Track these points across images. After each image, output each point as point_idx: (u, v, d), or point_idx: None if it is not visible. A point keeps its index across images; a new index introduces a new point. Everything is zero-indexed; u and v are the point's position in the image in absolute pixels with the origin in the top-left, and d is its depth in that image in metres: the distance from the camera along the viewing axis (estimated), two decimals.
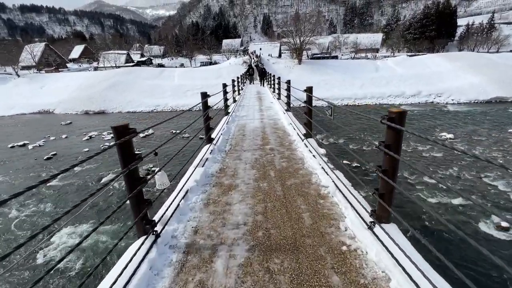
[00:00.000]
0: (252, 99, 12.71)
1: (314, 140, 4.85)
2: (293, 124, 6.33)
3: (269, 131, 6.16)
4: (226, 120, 7.07)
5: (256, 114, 8.46)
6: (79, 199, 1.52)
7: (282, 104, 9.60)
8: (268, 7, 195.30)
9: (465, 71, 24.41)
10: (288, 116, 7.25)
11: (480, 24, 63.41)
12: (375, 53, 56.21)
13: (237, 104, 10.50)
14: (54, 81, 29.91)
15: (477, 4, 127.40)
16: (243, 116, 8.19)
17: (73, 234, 6.59)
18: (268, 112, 8.76)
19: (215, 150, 4.68)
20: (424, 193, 8.02)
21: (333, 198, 2.91)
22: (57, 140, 15.38)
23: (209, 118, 4.96)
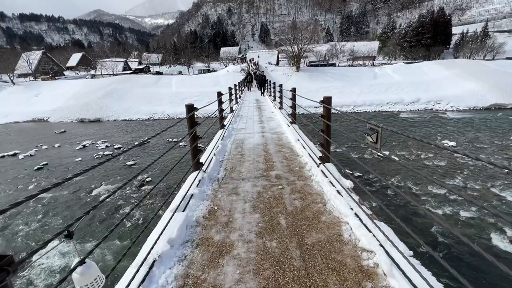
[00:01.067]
0: (251, 108, 11.82)
1: (334, 167, 3.70)
2: (302, 140, 5.25)
3: (272, 149, 5.16)
4: (221, 135, 6.09)
5: (256, 127, 7.48)
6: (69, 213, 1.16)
7: (285, 114, 8.80)
8: (266, 16, 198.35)
9: (463, 78, 24.44)
10: (294, 129, 6.25)
11: (474, 32, 64.52)
12: (372, 60, 56.73)
13: (234, 114, 9.58)
14: (49, 89, 29.56)
15: (470, 13, 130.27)
16: (241, 129, 7.19)
17: None
18: (270, 124, 7.76)
19: (204, 180, 3.62)
20: (432, 204, 7.68)
21: (389, 279, 1.81)
22: (49, 149, 14.93)
23: (197, 137, 3.85)
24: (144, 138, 15.59)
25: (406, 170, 10.20)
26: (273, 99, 13.30)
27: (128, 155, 13.08)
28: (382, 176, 9.43)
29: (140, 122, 21.44)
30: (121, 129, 19.21)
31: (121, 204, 8.12)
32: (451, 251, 5.55)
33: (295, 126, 6.67)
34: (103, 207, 7.92)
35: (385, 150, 12.28)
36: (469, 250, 5.45)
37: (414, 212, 7.20)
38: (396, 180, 9.41)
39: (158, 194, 8.72)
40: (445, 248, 5.69)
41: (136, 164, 11.93)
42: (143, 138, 15.77)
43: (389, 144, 13.25)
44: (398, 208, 7.34)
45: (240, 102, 13.77)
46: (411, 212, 7.21)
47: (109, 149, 14.10)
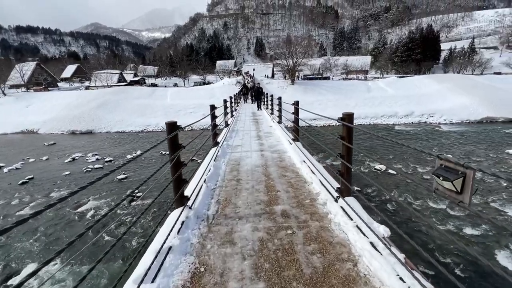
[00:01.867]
0: (247, 121, 11.10)
1: (357, 203, 2.85)
2: (309, 162, 4.43)
3: (274, 173, 4.34)
4: (214, 154, 5.18)
5: (254, 144, 6.65)
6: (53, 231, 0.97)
7: (285, 129, 8.16)
8: (261, 30, 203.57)
9: (454, 92, 24.97)
10: (298, 148, 5.52)
11: (462, 48, 67.08)
12: (365, 74, 58.06)
13: (229, 129, 8.73)
14: (41, 100, 29.06)
15: (457, 31, 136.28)
16: (237, 147, 6.39)
17: None
18: (269, 141, 6.99)
19: (189, 220, 2.73)
20: (433, 220, 7.44)
21: None
22: (36, 162, 14.35)
23: (181, 164, 2.96)
24: (136, 151, 15.19)
25: (405, 184, 10.02)
26: (271, 113, 12.67)
27: (119, 168, 12.63)
28: (382, 191, 9.20)
29: (133, 134, 21.03)
30: (113, 141, 18.76)
31: (108, 223, 7.63)
32: None
33: (298, 144, 5.89)
34: (87, 226, 7.43)
35: (381, 164, 12.14)
36: None
37: (417, 228, 6.95)
38: (396, 195, 9.18)
39: (148, 213, 8.26)
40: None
41: (127, 178, 11.46)
42: (135, 150, 15.35)
43: (386, 158, 13.15)
44: (401, 224, 7.07)
45: (235, 115, 13.15)
46: (414, 228, 6.96)
47: (100, 162, 13.62)
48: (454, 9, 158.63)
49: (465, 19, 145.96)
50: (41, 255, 6.30)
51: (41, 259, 6.10)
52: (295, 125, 6.45)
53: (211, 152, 5.50)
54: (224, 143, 6.51)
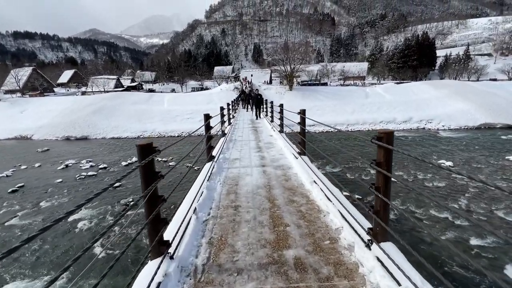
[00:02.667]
0: (246, 130, 10.34)
1: (400, 253, 2.08)
2: (322, 184, 3.64)
3: (281, 198, 3.54)
4: (208, 172, 4.41)
5: (254, 157, 5.90)
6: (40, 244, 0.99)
7: (288, 140, 7.36)
8: (259, 37, 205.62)
9: (452, 98, 25.05)
10: (305, 164, 4.76)
11: (457, 55, 68.06)
12: (362, 80, 58.47)
13: (226, 139, 7.97)
14: (36, 105, 28.67)
15: (451, 38, 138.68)
16: (234, 161, 5.67)
17: None
18: (271, 153, 6.27)
19: (169, 280, 1.97)
20: (436, 229, 7.19)
21: None
22: (28, 169, 13.95)
23: (159, 199, 2.18)
24: (131, 158, 14.85)
25: (407, 191, 9.80)
26: (271, 120, 12.01)
27: (113, 175, 12.30)
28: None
29: (129, 140, 20.68)
30: (109, 147, 18.40)
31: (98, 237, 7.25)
32: None
33: (305, 159, 5.09)
34: (76, 238, 7.07)
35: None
36: None
37: (420, 238, 6.70)
38: (397, 203, 8.93)
39: (141, 221, 7.92)
40: None
41: (121, 186, 11.11)
42: (131, 157, 15.01)
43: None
44: (403, 234, 6.80)
45: (233, 122, 12.44)
46: (418, 237, 6.70)
47: (94, 169, 13.25)
48: (448, 17, 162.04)
49: (459, 27, 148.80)
50: (26, 268, 5.92)
51: (24, 273, 5.72)
52: (302, 136, 5.46)
53: (205, 168, 4.67)
54: (221, 156, 5.80)
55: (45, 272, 5.79)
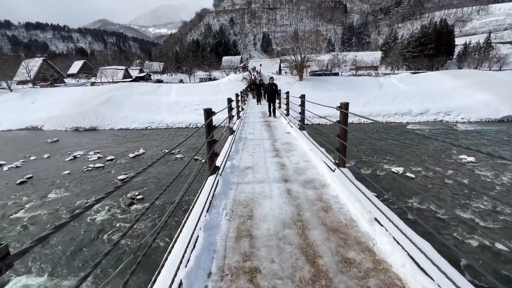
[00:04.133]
0: (257, 125, 8.78)
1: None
2: (392, 225, 2.34)
3: (327, 254, 2.16)
4: (210, 194, 3.12)
5: (271, 166, 4.40)
6: None
7: (311, 140, 5.96)
8: (268, 26, 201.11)
9: (473, 89, 23.63)
10: (351, 182, 3.31)
11: (477, 43, 64.42)
12: (375, 70, 56.38)
13: (234, 138, 6.45)
14: (46, 96, 28.91)
15: (471, 25, 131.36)
16: (245, 172, 4.18)
17: None
18: (292, 159, 4.74)
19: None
20: (462, 234, 6.62)
21: None
22: (37, 160, 13.99)
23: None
24: (138, 150, 14.66)
25: (425, 190, 9.19)
26: (286, 114, 10.47)
27: (120, 168, 12.13)
28: (400, 198, 8.41)
29: (137, 131, 20.56)
30: (117, 138, 18.32)
31: (104, 229, 7.07)
32: None
33: (346, 172, 3.60)
34: (82, 231, 6.88)
35: (399, 166, 11.28)
36: None
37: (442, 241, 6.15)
38: (416, 202, 8.36)
39: (149, 218, 7.67)
40: None
41: (128, 179, 10.89)
42: (138, 149, 14.83)
43: (403, 159, 12.25)
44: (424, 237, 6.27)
45: (242, 115, 11.14)
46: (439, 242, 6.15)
47: (101, 161, 13.14)
48: (468, 3, 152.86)
49: (480, 13, 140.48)
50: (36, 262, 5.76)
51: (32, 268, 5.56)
52: (341, 141, 3.79)
53: (205, 190, 3.29)
54: (228, 164, 4.40)
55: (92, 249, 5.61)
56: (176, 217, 7.21)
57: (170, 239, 6.10)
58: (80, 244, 6.41)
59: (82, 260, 5.85)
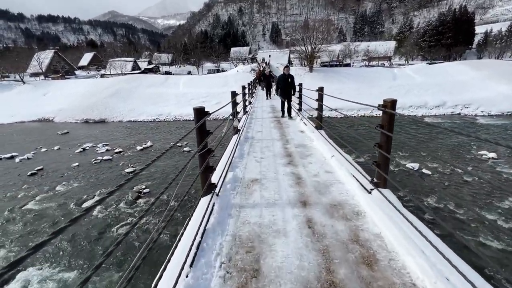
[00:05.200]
0: (266, 122, 7.83)
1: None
2: None
3: None
4: (201, 226, 2.23)
5: (285, 181, 3.37)
6: None
7: (331, 143, 4.94)
8: (277, 15, 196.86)
9: (495, 80, 22.32)
10: (396, 210, 2.37)
11: (499, 32, 60.87)
12: (389, 61, 54.38)
13: (238, 139, 5.36)
14: (58, 88, 29.30)
15: (493, 12, 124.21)
16: (250, 189, 3.19)
17: None
18: (310, 168, 3.77)
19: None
20: (484, 236, 6.17)
21: None
22: (48, 152, 14.18)
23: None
24: (146, 142, 14.62)
25: (443, 187, 8.69)
26: (298, 108, 9.52)
27: (128, 160, 12.11)
28: (416, 195, 7.97)
29: (145, 124, 20.58)
30: (125, 130, 18.38)
31: (110, 223, 6.99)
32: None
33: (391, 198, 2.59)
34: (88, 226, 6.83)
35: (413, 162, 10.75)
36: None
37: (463, 243, 5.75)
38: (433, 200, 7.90)
39: (155, 211, 7.56)
40: None
41: (135, 172, 10.85)
42: (146, 141, 14.79)
43: (417, 155, 11.68)
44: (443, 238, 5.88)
45: (249, 110, 10.20)
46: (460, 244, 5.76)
47: (109, 153, 13.17)
48: None
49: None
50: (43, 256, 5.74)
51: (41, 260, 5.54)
52: (383, 151, 2.72)
53: (194, 218, 2.42)
54: (229, 175, 3.45)
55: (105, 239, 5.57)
56: (183, 211, 7.06)
57: (175, 235, 5.96)
58: (86, 239, 6.35)
59: (87, 255, 5.78)
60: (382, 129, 2.73)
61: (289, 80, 7.89)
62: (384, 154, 2.71)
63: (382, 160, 2.80)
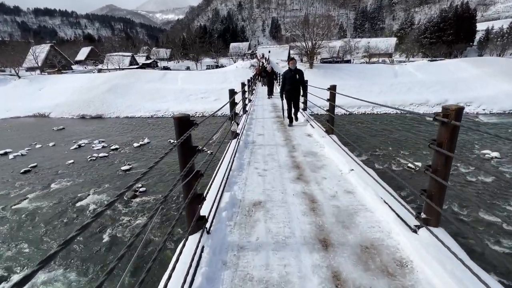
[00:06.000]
0: (267, 124, 6.99)
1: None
2: None
3: None
4: None
5: (295, 206, 2.70)
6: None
7: (347, 151, 4.25)
8: (277, 11, 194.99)
9: (496, 77, 22.10)
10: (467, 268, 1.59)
11: (500, 29, 60.45)
12: (390, 58, 53.97)
13: (237, 145, 4.67)
14: (54, 83, 28.81)
15: (495, 9, 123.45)
16: (252, 217, 2.50)
17: None
18: (325, 185, 3.14)
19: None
20: (488, 238, 5.99)
21: None
22: (43, 148, 13.88)
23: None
24: (143, 139, 14.33)
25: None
26: (303, 108, 8.79)
27: (124, 158, 11.84)
28: (420, 197, 7.76)
29: (142, 120, 20.26)
30: (122, 127, 18.06)
31: (104, 223, 6.75)
32: None
33: (447, 240, 1.90)
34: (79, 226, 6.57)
35: (415, 161, 10.56)
36: None
37: (468, 246, 5.56)
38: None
39: (152, 209, 7.33)
40: None
41: (132, 169, 10.63)
42: (143, 138, 14.51)
43: (419, 153, 11.49)
44: None
45: (249, 109, 9.47)
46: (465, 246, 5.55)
47: (105, 150, 12.89)
48: None
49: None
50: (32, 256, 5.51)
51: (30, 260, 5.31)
52: (439, 178, 1.96)
53: (176, 276, 1.58)
54: (225, 196, 2.79)
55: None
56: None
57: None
58: (78, 240, 6.11)
59: (80, 255, 5.55)
60: (440, 147, 1.94)
61: (297, 77, 6.33)
62: (439, 181, 1.96)
63: (436, 189, 2.05)
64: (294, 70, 6.34)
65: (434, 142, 2.02)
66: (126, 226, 6.72)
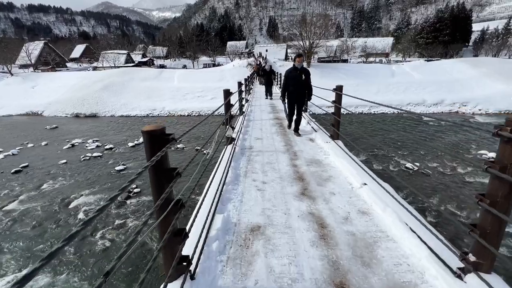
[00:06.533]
0: (265, 126, 6.56)
1: None
2: None
3: None
4: None
5: (302, 233, 2.22)
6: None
7: (354, 158, 3.83)
8: (274, 10, 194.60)
9: (492, 78, 22.24)
10: None
11: (495, 30, 61.03)
12: (386, 57, 54.15)
13: (233, 152, 4.21)
14: (47, 80, 28.31)
15: (490, 10, 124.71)
16: (250, 249, 2.02)
17: None
18: (335, 208, 2.60)
19: None
20: None
21: None
22: (35, 148, 13.57)
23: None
24: (138, 139, 14.09)
25: (443, 188, 8.46)
26: (304, 109, 8.24)
27: (119, 157, 11.62)
28: (417, 198, 7.71)
29: (138, 119, 19.98)
30: (117, 126, 17.78)
31: (96, 224, 6.56)
32: None
33: None
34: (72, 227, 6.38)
35: (413, 161, 10.52)
36: None
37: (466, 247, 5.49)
38: (435, 201, 7.67)
39: (146, 211, 7.17)
40: None
41: (126, 169, 10.42)
42: (138, 138, 14.27)
43: (418, 153, 11.46)
44: None
45: (246, 110, 8.84)
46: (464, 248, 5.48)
47: (99, 150, 12.65)
48: None
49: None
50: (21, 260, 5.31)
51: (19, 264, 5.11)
52: (496, 210, 1.47)
53: None
54: (217, 219, 2.37)
55: None
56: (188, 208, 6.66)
57: None
58: (75, 243, 5.92)
59: (72, 256, 5.37)
60: (503, 172, 1.44)
61: (303, 77, 5.25)
62: (495, 214, 1.46)
63: (492, 225, 1.53)
64: (300, 70, 5.27)
65: (492, 163, 1.50)
66: (119, 228, 6.55)
